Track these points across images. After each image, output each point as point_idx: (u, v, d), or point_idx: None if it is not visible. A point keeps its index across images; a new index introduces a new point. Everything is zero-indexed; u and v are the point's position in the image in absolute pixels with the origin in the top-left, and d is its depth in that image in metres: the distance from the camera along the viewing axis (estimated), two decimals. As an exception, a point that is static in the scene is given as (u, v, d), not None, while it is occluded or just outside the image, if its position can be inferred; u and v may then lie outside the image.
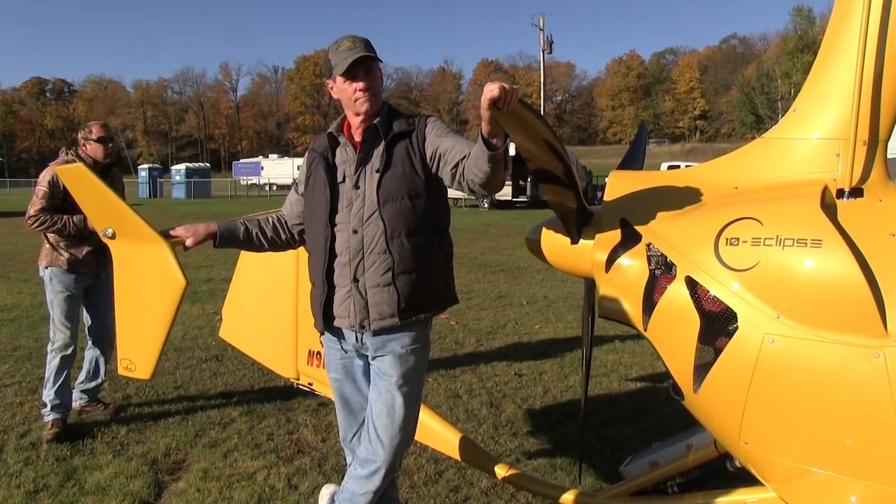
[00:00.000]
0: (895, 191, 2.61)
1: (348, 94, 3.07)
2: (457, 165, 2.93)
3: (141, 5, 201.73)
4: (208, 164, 66.63)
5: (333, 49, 3.06)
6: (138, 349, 3.25)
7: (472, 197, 3.20)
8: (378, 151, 3.07)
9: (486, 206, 34.33)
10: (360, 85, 3.04)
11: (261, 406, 5.86)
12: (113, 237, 3.20)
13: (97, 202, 3.23)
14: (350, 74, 3.04)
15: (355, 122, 3.14)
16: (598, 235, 3.09)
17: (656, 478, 3.61)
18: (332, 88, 3.15)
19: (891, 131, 2.71)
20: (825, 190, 2.67)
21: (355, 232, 3.05)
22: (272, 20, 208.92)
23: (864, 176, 2.69)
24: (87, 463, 4.74)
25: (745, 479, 3.07)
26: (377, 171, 3.04)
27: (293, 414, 5.67)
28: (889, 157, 2.79)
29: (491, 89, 2.38)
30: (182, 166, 57.65)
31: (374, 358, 3.15)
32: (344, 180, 3.12)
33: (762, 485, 2.89)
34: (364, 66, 3.03)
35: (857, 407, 2.43)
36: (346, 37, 3.05)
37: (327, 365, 3.38)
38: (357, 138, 3.14)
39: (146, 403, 5.95)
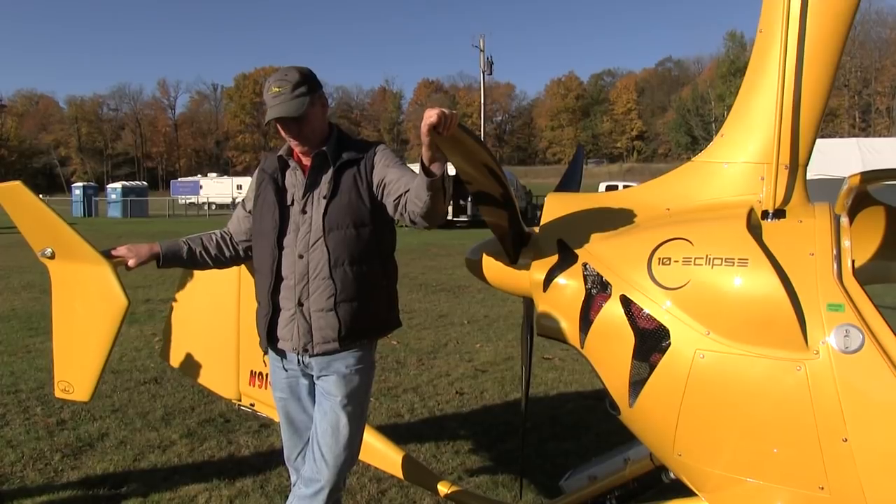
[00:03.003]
0: (814, 212, 2.75)
1: (282, 135, 3.10)
2: (399, 197, 2.98)
3: (75, 19, 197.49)
4: (145, 183, 65.23)
5: (265, 88, 3.03)
6: (77, 371, 3.21)
7: (416, 226, 3.22)
8: (326, 178, 3.10)
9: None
10: (290, 134, 3.07)
11: (201, 428, 5.79)
12: (52, 257, 3.16)
13: (35, 221, 3.18)
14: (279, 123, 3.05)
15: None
16: (535, 256, 3.18)
17: (595, 491, 3.70)
18: None
19: (810, 155, 2.86)
20: (751, 211, 2.80)
21: (301, 256, 3.07)
22: (211, 37, 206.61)
23: (787, 198, 2.84)
24: (18, 492, 4.61)
25: (680, 490, 3.17)
26: (324, 198, 3.06)
27: (234, 436, 5.62)
28: (810, 177, 2.94)
29: (430, 115, 2.43)
30: (118, 185, 56.49)
31: (318, 378, 3.17)
32: (293, 204, 3.14)
33: (696, 495, 2.99)
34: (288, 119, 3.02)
35: (781, 417, 2.55)
36: (276, 80, 2.99)
37: (272, 383, 3.38)
38: (306, 163, 3.16)
39: (82, 428, 5.81)
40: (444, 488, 3.89)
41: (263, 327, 3.21)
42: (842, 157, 21.00)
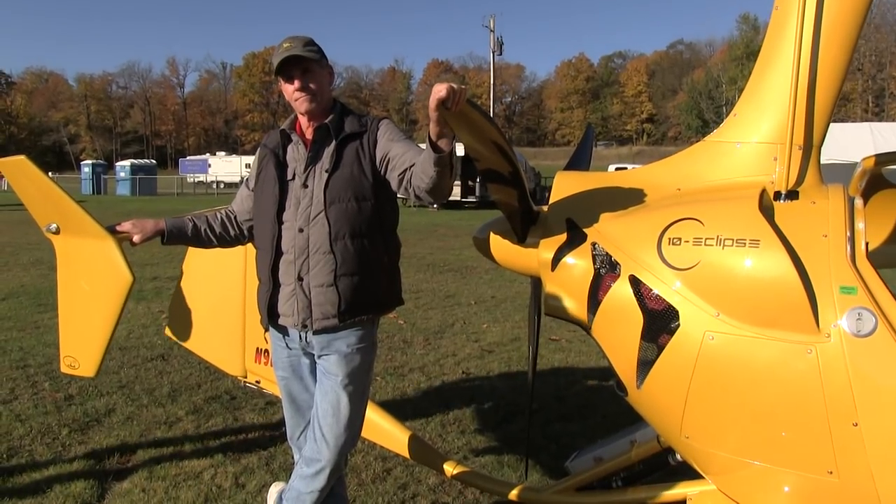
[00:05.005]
0: (827, 194, 2.70)
1: (288, 95, 3.09)
2: (405, 172, 2.95)
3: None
4: (154, 161, 65.18)
5: (275, 49, 3.07)
6: (82, 346, 3.21)
7: (419, 202, 3.26)
8: (328, 151, 3.07)
9: (434, 206, 34.40)
10: (296, 85, 3.04)
11: (208, 405, 5.80)
12: (57, 232, 3.15)
13: (40, 196, 3.17)
14: (285, 75, 3.05)
15: (304, 120, 3.14)
16: (544, 235, 3.14)
17: (601, 473, 3.68)
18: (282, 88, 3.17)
19: (824, 137, 2.81)
20: (763, 192, 2.76)
21: (301, 231, 3.05)
22: (221, 16, 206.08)
23: (800, 179, 2.79)
24: (25, 465, 4.63)
25: (687, 472, 3.15)
26: (326, 171, 3.04)
27: (240, 412, 5.63)
28: (822, 162, 2.89)
29: (439, 90, 2.40)
30: (127, 163, 56.36)
31: (319, 357, 3.15)
32: (293, 178, 3.12)
33: (702, 478, 2.97)
34: (300, 67, 3.03)
35: (790, 401, 2.52)
36: (288, 37, 3.06)
37: (274, 362, 3.37)
38: (308, 136, 3.14)
39: (89, 403, 5.83)
40: (449, 468, 3.89)
41: (264, 304, 3.19)
42: (854, 142, 20.84)
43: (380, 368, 6.76)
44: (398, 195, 3.13)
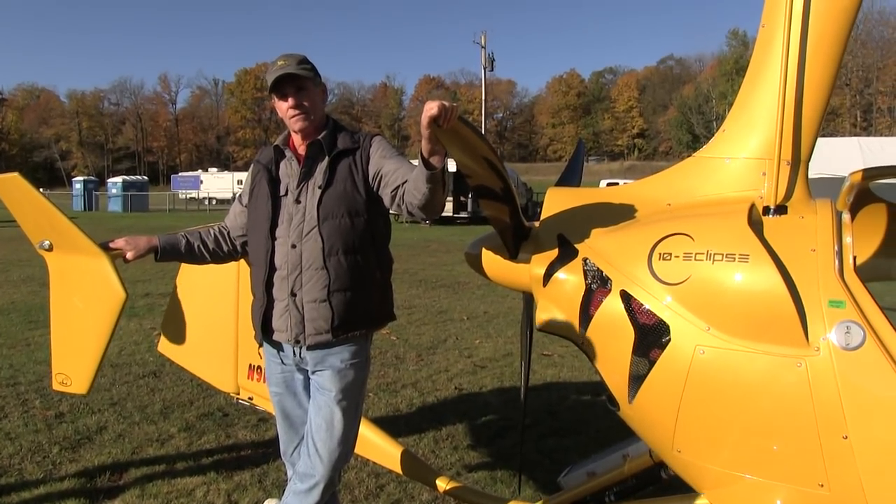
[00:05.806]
0: (815, 208, 2.73)
1: (282, 112, 3.11)
2: (397, 188, 2.97)
3: (75, 12, 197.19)
4: (146, 178, 65.35)
5: (269, 67, 3.10)
6: (75, 364, 3.21)
7: (412, 217, 3.26)
8: (321, 167, 3.09)
9: (427, 222, 34.44)
10: (291, 102, 3.07)
11: (200, 422, 5.78)
12: (50, 249, 3.16)
13: (34, 213, 3.17)
14: (280, 92, 3.07)
15: (297, 137, 3.16)
16: (536, 250, 3.16)
17: (594, 487, 3.69)
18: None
19: (812, 152, 2.85)
20: (752, 207, 2.78)
21: (294, 247, 3.06)
22: (213, 33, 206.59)
23: (788, 194, 2.82)
24: (15, 484, 4.60)
25: (679, 486, 3.16)
26: (319, 188, 3.06)
27: (233, 430, 5.61)
28: (811, 177, 2.92)
29: (430, 107, 2.43)
30: (119, 179, 56.43)
31: (313, 372, 3.16)
32: (286, 194, 3.13)
33: (695, 492, 2.98)
34: (294, 84, 3.05)
35: (781, 414, 2.54)
36: (283, 55, 3.09)
37: (268, 378, 3.37)
38: (301, 152, 3.16)
39: (80, 421, 5.79)
40: (442, 484, 3.88)
41: (258, 319, 3.20)
42: (843, 157, 20.96)
43: (372, 384, 6.75)
44: (391, 211, 3.15)
